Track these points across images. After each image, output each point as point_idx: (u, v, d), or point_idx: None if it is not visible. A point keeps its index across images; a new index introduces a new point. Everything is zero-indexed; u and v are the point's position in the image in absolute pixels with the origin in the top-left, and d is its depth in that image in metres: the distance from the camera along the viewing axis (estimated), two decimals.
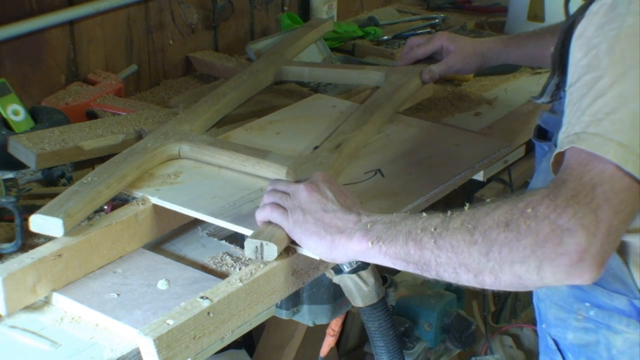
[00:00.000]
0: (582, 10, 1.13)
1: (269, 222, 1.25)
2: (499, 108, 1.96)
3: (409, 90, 1.82)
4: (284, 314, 1.41)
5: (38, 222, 1.27)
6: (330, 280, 1.62)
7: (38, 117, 1.69)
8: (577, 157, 1.02)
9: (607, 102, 1.03)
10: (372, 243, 1.14)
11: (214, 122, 1.68)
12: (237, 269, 1.33)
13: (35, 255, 1.24)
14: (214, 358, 1.59)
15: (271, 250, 1.21)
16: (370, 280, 1.60)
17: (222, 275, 1.31)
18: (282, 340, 2.08)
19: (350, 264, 1.59)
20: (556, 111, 1.35)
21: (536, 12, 2.37)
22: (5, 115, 1.64)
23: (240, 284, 1.21)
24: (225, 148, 1.50)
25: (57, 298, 1.24)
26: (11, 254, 1.32)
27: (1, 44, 1.77)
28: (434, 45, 1.86)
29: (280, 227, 1.24)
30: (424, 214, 1.13)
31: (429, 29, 2.49)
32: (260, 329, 2.12)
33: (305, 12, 2.49)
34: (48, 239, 1.36)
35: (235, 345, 2.14)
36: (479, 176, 1.66)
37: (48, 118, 1.68)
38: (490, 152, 1.65)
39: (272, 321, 2.04)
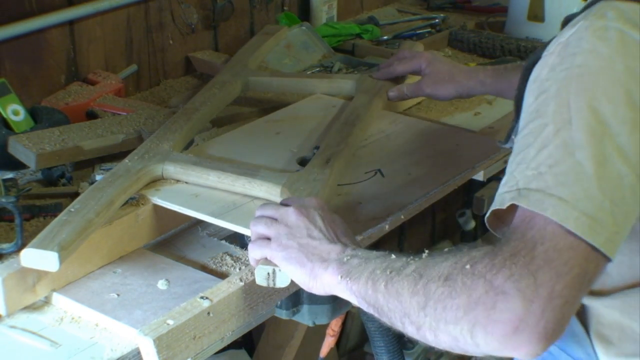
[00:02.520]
0: (543, 48, 1.06)
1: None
2: (499, 108, 1.96)
3: (385, 100, 1.79)
4: (284, 314, 1.40)
5: (30, 257, 1.18)
6: None
7: (38, 117, 1.68)
8: (521, 214, 0.94)
9: (550, 152, 0.94)
10: (341, 277, 1.06)
11: (190, 138, 1.61)
12: (237, 269, 1.33)
13: None
14: (214, 358, 1.59)
15: (284, 277, 1.15)
16: None
17: (222, 275, 1.31)
18: (282, 340, 2.07)
19: None
20: None
21: (536, 12, 2.37)
22: (5, 115, 1.64)
23: (241, 284, 1.21)
24: (212, 167, 1.43)
25: (57, 298, 1.24)
26: (11, 254, 1.32)
27: (1, 44, 1.76)
28: (413, 65, 1.80)
29: None
30: (394, 255, 1.05)
31: (429, 29, 2.49)
32: (260, 329, 2.12)
33: (305, 12, 2.49)
34: None
35: (235, 345, 2.14)
36: (479, 176, 1.66)
37: (48, 118, 1.68)
38: (490, 152, 1.65)
39: (272, 321, 2.04)
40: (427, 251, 1.01)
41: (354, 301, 1.05)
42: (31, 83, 1.84)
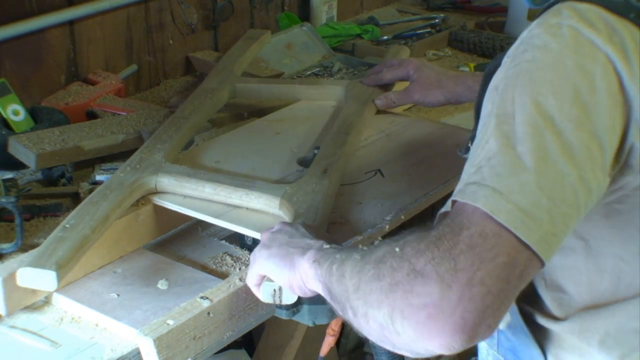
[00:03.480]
0: (503, 54, 1.03)
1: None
2: None
3: (373, 109, 1.78)
4: (284, 314, 1.40)
5: (27, 276, 1.15)
6: None
7: (38, 117, 1.69)
8: (455, 206, 0.90)
9: (490, 146, 0.91)
10: (313, 261, 1.02)
11: (181, 148, 1.57)
12: (237, 269, 1.33)
13: None
14: (214, 358, 1.59)
15: (290, 294, 1.12)
16: None
17: (222, 275, 1.31)
18: (282, 340, 2.07)
19: None
20: None
21: (536, 13, 2.37)
22: (5, 115, 1.64)
23: (241, 284, 1.21)
24: (207, 179, 1.39)
25: (57, 298, 1.24)
26: (11, 253, 1.32)
27: (1, 44, 1.76)
28: (401, 72, 1.78)
29: None
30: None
31: (429, 29, 2.49)
32: (260, 329, 2.12)
33: (305, 12, 2.49)
34: None
35: (235, 345, 2.14)
36: None
37: (48, 118, 1.68)
38: None
39: (272, 321, 2.04)
40: (380, 239, 1.00)
41: (320, 288, 1.01)
42: (31, 83, 1.84)
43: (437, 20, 2.55)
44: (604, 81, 0.91)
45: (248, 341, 2.24)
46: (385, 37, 2.42)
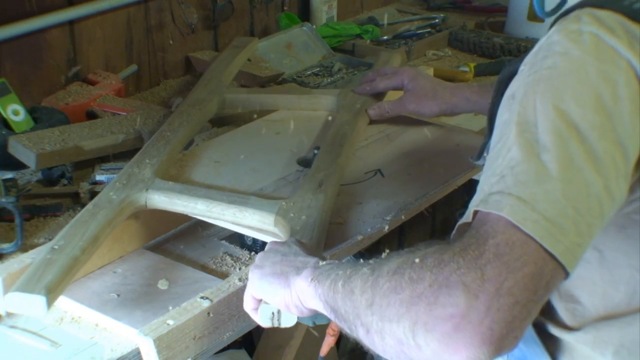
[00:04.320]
0: (519, 60, 1.01)
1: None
2: None
3: (367, 118, 1.74)
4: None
5: (15, 301, 1.10)
6: None
7: (38, 117, 1.69)
8: (478, 216, 0.88)
9: (513, 155, 0.88)
10: (311, 279, 0.98)
11: (172, 162, 1.52)
12: (237, 269, 1.33)
13: (35, 255, 1.24)
14: (214, 358, 1.59)
15: (289, 316, 1.09)
16: None
17: (222, 275, 1.31)
18: (282, 340, 2.07)
19: None
20: None
21: (536, 15, 2.36)
22: (5, 115, 1.64)
23: (240, 284, 1.21)
24: (199, 196, 1.34)
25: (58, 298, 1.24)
26: (11, 254, 1.32)
27: (1, 44, 1.76)
28: (395, 81, 1.73)
29: None
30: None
31: (429, 29, 2.49)
32: (260, 329, 2.12)
33: (305, 12, 2.49)
34: (48, 239, 1.36)
35: (235, 345, 2.14)
36: (479, 176, 1.65)
37: (48, 118, 1.68)
38: None
39: None
40: (387, 251, 0.97)
41: (321, 307, 0.97)
42: (31, 83, 1.84)
43: (437, 20, 2.55)
44: (627, 88, 0.90)
45: (248, 341, 2.24)
46: (385, 37, 2.42)
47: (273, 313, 1.09)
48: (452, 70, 2.21)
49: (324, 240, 1.29)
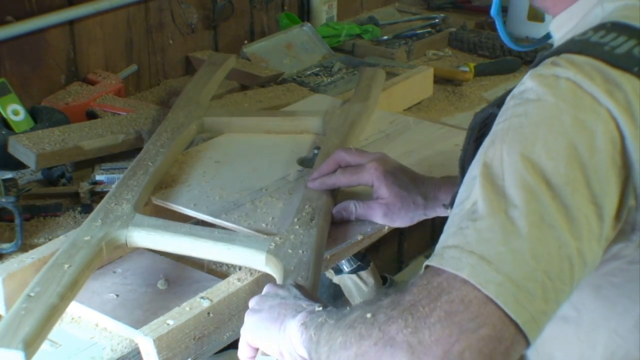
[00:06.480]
0: (491, 106, 0.95)
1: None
2: None
3: (356, 140, 1.62)
4: None
5: None
6: (330, 280, 1.62)
7: (38, 117, 1.69)
8: (430, 270, 0.81)
9: (476, 208, 0.81)
10: (301, 324, 0.92)
11: (149, 193, 1.41)
12: (237, 269, 1.32)
13: (35, 255, 1.24)
14: (214, 358, 1.59)
15: None
16: (370, 280, 1.61)
17: (222, 275, 1.31)
18: None
19: (350, 263, 1.59)
20: None
21: (536, 12, 2.37)
22: (5, 115, 1.64)
23: (240, 284, 1.21)
24: (183, 233, 1.25)
25: None
26: (11, 254, 1.32)
27: (1, 44, 1.76)
28: (360, 180, 1.37)
29: None
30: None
31: (429, 29, 2.49)
32: None
33: (305, 12, 2.49)
34: (48, 239, 1.36)
35: (235, 345, 2.14)
36: None
37: (48, 118, 1.68)
38: None
39: None
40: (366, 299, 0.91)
41: (306, 356, 0.91)
42: (31, 83, 1.84)
43: (437, 20, 2.55)
44: (605, 139, 0.82)
45: None
46: (385, 37, 2.42)
47: None
48: (452, 70, 2.21)
49: (319, 283, 1.21)
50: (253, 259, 1.22)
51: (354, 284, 1.57)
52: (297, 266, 1.18)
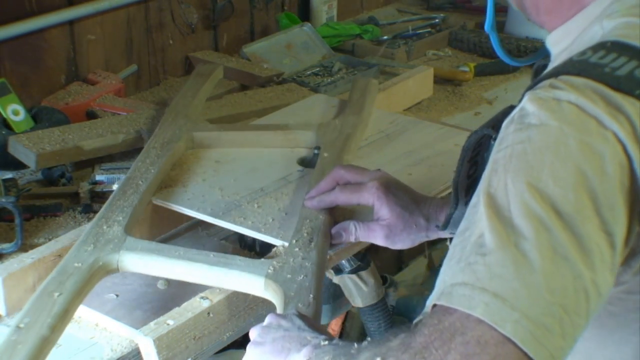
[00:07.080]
0: (484, 127, 0.91)
1: None
2: (499, 108, 1.94)
3: (354, 153, 1.58)
4: None
5: None
6: (330, 280, 1.62)
7: (38, 117, 1.69)
8: (439, 309, 0.77)
9: (484, 241, 0.77)
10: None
11: (141, 214, 1.36)
12: None
13: (35, 255, 1.24)
14: (214, 358, 1.59)
15: None
16: (370, 280, 1.61)
17: None
18: None
19: (350, 263, 1.59)
20: None
21: None
22: (5, 115, 1.64)
23: None
24: (177, 257, 1.20)
25: None
26: (11, 254, 1.32)
27: (1, 44, 1.77)
28: (360, 199, 1.30)
29: None
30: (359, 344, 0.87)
31: (429, 29, 2.49)
32: None
33: (305, 12, 2.49)
34: (48, 239, 1.36)
35: (235, 345, 2.14)
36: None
37: (48, 118, 1.68)
38: None
39: None
40: (368, 339, 0.87)
41: None
42: (31, 83, 1.84)
43: (437, 20, 2.55)
44: (614, 164, 0.79)
45: (248, 341, 2.24)
46: (385, 37, 2.42)
47: None
48: (452, 70, 2.21)
49: (321, 310, 1.16)
50: (251, 284, 1.18)
51: (354, 284, 1.57)
52: (298, 292, 1.13)
